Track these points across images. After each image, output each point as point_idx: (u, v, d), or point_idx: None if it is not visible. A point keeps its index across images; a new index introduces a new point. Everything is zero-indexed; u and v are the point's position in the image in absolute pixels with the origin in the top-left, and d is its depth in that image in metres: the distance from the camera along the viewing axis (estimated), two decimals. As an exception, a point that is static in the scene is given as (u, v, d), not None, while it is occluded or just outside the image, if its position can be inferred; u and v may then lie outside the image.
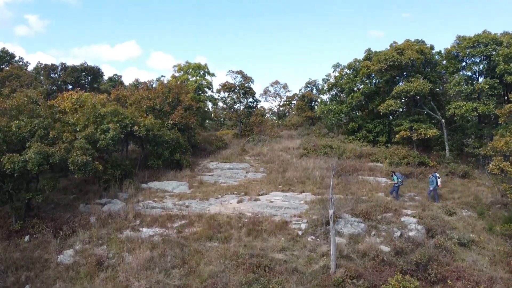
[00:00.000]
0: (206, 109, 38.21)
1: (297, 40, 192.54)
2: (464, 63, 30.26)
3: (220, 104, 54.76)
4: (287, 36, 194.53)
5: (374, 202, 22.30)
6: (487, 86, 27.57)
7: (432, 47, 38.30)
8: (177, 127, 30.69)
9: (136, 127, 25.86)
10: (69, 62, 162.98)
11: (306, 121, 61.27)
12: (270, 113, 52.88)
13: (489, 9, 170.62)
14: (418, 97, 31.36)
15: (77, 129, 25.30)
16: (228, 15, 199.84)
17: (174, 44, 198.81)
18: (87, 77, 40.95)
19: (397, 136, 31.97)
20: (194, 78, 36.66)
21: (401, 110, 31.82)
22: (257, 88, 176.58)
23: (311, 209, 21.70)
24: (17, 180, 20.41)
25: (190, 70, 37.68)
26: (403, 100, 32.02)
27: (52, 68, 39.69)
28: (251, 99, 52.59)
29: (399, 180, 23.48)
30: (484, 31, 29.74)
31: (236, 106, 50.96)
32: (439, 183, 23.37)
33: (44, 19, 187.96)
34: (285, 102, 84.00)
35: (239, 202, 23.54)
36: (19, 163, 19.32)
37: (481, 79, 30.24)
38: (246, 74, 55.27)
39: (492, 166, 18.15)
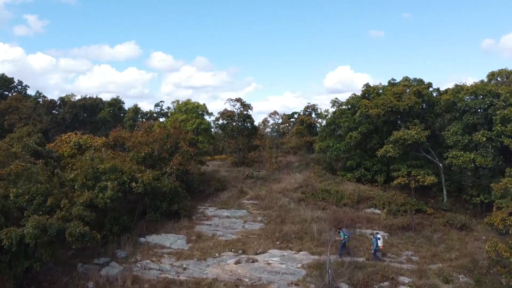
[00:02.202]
0: (204, 149, 38.28)
1: (297, 39, 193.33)
2: (461, 109, 30.18)
3: (218, 127, 54.99)
4: (287, 35, 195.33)
5: (372, 267, 22.32)
6: (484, 139, 27.65)
7: (430, 85, 38.54)
8: (175, 174, 30.73)
9: (134, 184, 25.91)
10: (69, 62, 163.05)
11: (305, 145, 61.50)
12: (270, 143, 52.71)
13: (489, 9, 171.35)
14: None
15: (76, 187, 25.37)
16: (228, 15, 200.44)
17: (174, 44, 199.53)
18: (86, 112, 41.08)
19: (395, 182, 32.06)
20: (193, 120, 36.74)
21: (398, 155, 31.80)
22: (256, 88, 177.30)
23: (309, 276, 21.74)
24: (15, 250, 20.45)
25: (189, 107, 37.76)
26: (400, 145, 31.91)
27: (51, 104, 39.82)
28: (249, 125, 52.78)
29: (346, 236, 23.81)
30: (482, 81, 29.91)
31: (235, 133, 51.06)
32: (380, 244, 23.56)
33: (43, 19, 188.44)
34: (284, 120, 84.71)
35: (236, 263, 23.58)
36: (16, 237, 19.38)
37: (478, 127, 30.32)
38: (245, 102, 55.47)
39: (488, 248, 18.19)
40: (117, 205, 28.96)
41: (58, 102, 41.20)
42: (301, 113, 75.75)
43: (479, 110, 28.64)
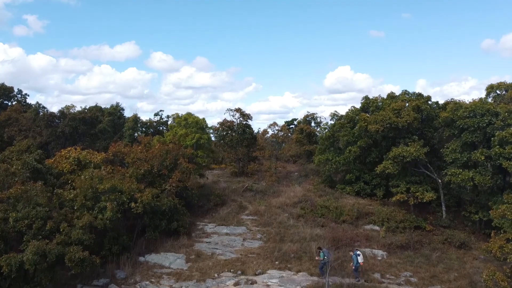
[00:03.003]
0: (204, 164, 38.40)
1: (297, 39, 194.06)
2: (460, 127, 30.11)
3: (217, 137, 55.05)
4: (287, 35, 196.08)
5: (370, 290, 22.39)
6: (483, 157, 27.72)
7: (429, 98, 38.55)
8: (175, 191, 30.78)
9: (133, 204, 25.95)
10: (69, 62, 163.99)
11: (305, 153, 61.57)
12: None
13: (489, 9, 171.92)
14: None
15: (75, 207, 25.45)
16: (228, 15, 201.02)
17: (174, 44, 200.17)
18: (86, 125, 41.25)
19: (393, 198, 32.18)
20: (193, 134, 36.90)
21: (397, 171, 31.90)
22: (256, 88, 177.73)
23: (307, 299, 21.81)
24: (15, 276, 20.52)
25: (189, 122, 37.87)
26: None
27: (51, 117, 39.96)
28: (249, 135, 52.91)
29: (325, 257, 23.73)
30: (480, 99, 29.97)
31: (234, 143, 51.14)
32: (360, 261, 23.60)
33: (43, 19, 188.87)
34: (283, 127, 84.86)
35: (235, 284, 23.60)
36: (16, 264, 19.47)
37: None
38: (244, 112, 55.57)
39: (485, 276, 18.25)
40: (116, 223, 28.98)
41: (58, 114, 41.30)
42: (301, 120, 76.19)
43: (478, 129, 28.62)
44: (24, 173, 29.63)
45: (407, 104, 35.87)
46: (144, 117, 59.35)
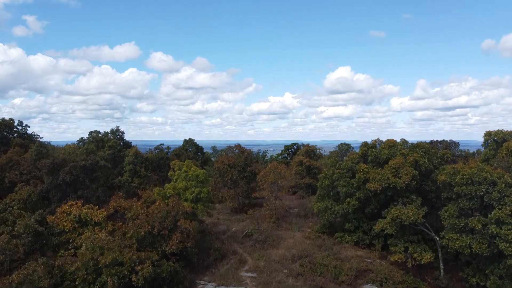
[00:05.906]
0: (203, 217, 38.77)
1: (297, 40, 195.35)
2: (457, 193, 30.29)
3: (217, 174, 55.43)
4: (288, 36, 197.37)
5: None
6: (480, 226, 28.01)
7: (427, 148, 38.88)
8: (175, 254, 31.09)
9: (134, 277, 26.19)
10: (68, 63, 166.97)
11: (305, 185, 61.87)
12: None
13: (489, 10, 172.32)
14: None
15: (76, 282, 25.74)
16: (229, 16, 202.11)
17: (174, 45, 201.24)
18: (86, 172, 41.55)
19: (392, 258, 32.52)
20: (193, 188, 37.34)
21: (395, 232, 32.28)
22: (256, 89, 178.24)
23: None
24: None
25: (190, 175, 38.29)
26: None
27: (52, 165, 40.26)
28: (249, 174, 53.42)
29: None
30: (478, 165, 30.27)
31: (234, 178, 51.59)
32: None
33: (42, 20, 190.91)
34: (283, 151, 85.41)
35: None
36: None
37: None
38: (244, 148, 56.23)
39: None
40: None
41: (59, 162, 41.43)
42: (301, 146, 76.64)
43: (475, 197, 28.90)
44: (26, 237, 30.05)
45: (405, 159, 36.10)
46: (143, 118, 59.63)
